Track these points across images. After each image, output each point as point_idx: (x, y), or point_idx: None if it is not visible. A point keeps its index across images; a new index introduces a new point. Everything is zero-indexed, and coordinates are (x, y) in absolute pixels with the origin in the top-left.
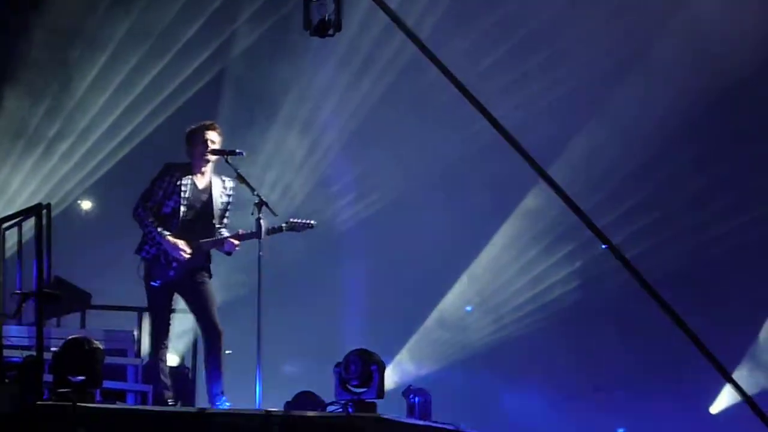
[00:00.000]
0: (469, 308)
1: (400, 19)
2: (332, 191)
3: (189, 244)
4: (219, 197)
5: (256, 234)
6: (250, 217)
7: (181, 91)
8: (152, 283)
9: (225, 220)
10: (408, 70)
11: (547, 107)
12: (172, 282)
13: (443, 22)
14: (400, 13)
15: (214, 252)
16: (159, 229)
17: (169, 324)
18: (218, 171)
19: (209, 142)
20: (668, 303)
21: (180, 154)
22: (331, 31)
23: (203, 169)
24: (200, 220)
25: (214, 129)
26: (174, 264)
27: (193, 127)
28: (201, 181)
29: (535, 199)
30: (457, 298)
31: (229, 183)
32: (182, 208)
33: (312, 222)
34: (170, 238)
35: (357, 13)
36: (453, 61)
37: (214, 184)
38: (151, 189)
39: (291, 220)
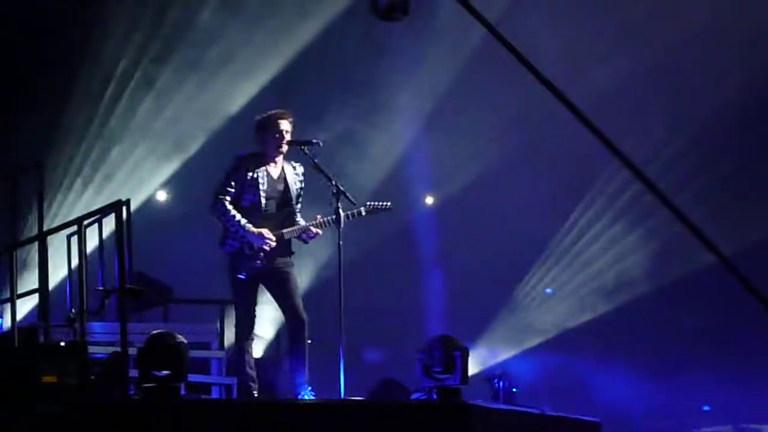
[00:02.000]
0: (549, 290)
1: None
2: (407, 175)
3: (272, 233)
4: (293, 184)
5: (336, 223)
6: (328, 207)
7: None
8: (239, 276)
9: (299, 206)
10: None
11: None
12: (258, 273)
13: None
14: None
15: (294, 241)
16: (242, 222)
17: (254, 316)
18: (287, 157)
19: (284, 132)
20: (750, 280)
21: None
22: (399, 15)
23: (276, 158)
24: (279, 209)
25: (286, 118)
26: (260, 254)
27: (264, 115)
28: (275, 171)
29: (610, 178)
30: (537, 280)
31: (300, 168)
32: (262, 201)
33: (389, 204)
34: (254, 229)
35: None
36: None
37: (286, 171)
38: (226, 182)
39: (369, 203)
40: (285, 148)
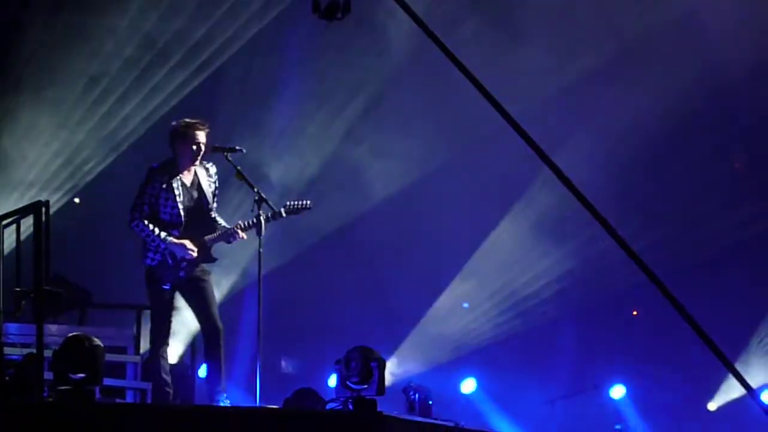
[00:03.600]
0: (466, 305)
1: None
2: (333, 182)
3: (194, 242)
4: (208, 188)
5: (257, 230)
6: (250, 214)
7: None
8: (164, 286)
9: (214, 206)
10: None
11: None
12: (179, 282)
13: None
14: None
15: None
16: (162, 235)
17: (170, 322)
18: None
19: (201, 145)
20: (672, 294)
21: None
22: (339, 15)
23: (190, 166)
24: (198, 216)
25: (203, 129)
26: (183, 264)
27: (180, 123)
28: (188, 178)
29: (538, 193)
30: (456, 294)
31: (213, 168)
32: (181, 211)
33: (309, 203)
34: (176, 241)
35: None
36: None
37: (199, 176)
38: (141, 196)
39: (288, 203)
40: (199, 160)
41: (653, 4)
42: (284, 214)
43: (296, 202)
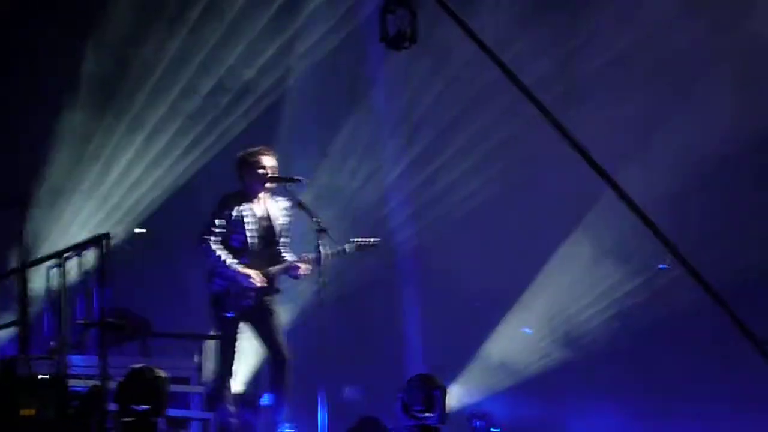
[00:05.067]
0: (528, 330)
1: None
2: (386, 212)
3: (260, 273)
4: (277, 220)
5: (317, 262)
6: (311, 246)
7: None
8: (227, 315)
9: (285, 239)
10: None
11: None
12: (244, 311)
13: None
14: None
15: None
16: (230, 262)
17: (236, 352)
18: (270, 193)
19: (269, 168)
20: (737, 316)
21: (232, 181)
22: (406, 44)
23: (260, 195)
24: (267, 246)
25: (269, 154)
26: (248, 293)
27: (246, 152)
28: (259, 208)
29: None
30: (517, 319)
31: (285, 203)
32: (249, 240)
33: (375, 240)
34: (243, 270)
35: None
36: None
37: (270, 207)
38: (212, 223)
39: (354, 240)
40: (270, 184)
41: None
42: (348, 251)
43: (363, 240)
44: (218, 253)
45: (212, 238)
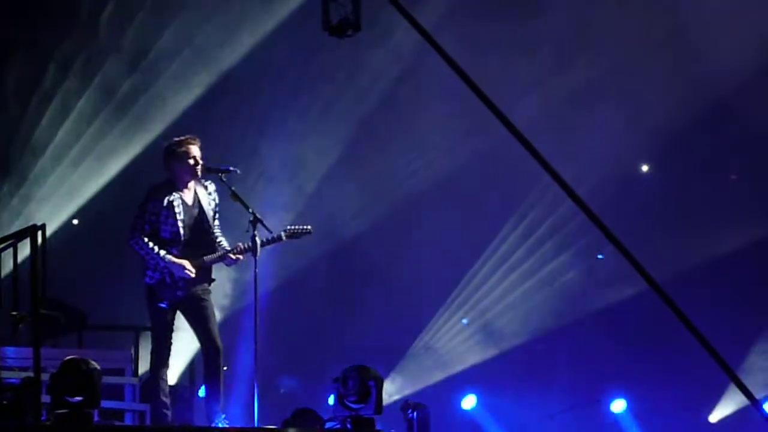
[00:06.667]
0: (465, 321)
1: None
2: (327, 204)
3: (192, 262)
4: (208, 206)
5: (253, 251)
6: (245, 234)
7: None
8: (160, 305)
9: (216, 222)
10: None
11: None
12: (177, 301)
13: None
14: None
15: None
16: (162, 253)
17: (171, 343)
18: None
19: (197, 158)
20: (676, 304)
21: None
22: (349, 32)
23: (189, 184)
24: (198, 235)
25: (196, 143)
26: (181, 284)
27: (173, 141)
28: (188, 196)
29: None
30: (454, 310)
31: (212, 186)
32: (181, 230)
33: (309, 227)
34: (175, 260)
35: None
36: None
37: (199, 194)
38: (141, 215)
39: (288, 227)
40: (200, 173)
41: None
42: (284, 238)
43: (296, 227)
44: (150, 245)
45: (143, 231)
